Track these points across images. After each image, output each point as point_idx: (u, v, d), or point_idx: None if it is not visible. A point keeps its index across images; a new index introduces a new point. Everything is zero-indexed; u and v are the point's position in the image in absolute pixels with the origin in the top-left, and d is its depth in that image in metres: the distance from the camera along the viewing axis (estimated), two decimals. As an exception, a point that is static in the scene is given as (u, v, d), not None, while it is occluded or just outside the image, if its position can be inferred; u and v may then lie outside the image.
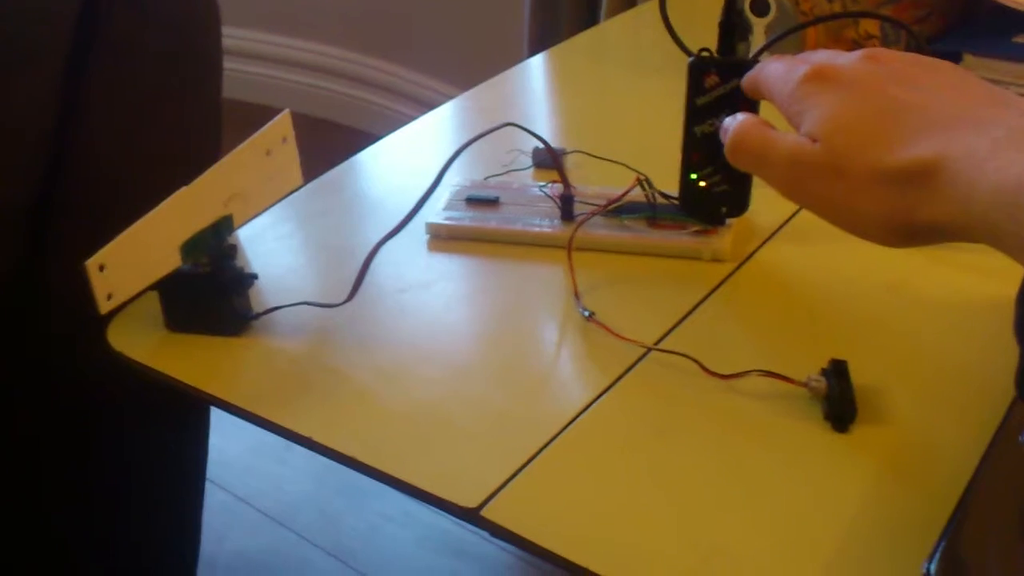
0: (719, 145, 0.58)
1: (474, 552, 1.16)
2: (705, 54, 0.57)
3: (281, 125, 0.54)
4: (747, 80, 0.51)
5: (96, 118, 0.66)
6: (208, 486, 0.86)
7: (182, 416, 0.79)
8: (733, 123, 0.47)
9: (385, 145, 0.75)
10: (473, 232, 0.61)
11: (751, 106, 0.57)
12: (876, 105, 0.40)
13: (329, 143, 2.06)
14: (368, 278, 0.53)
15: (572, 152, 0.69)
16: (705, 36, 0.60)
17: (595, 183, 0.64)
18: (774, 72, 0.46)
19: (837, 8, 0.81)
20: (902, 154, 0.38)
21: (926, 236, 0.39)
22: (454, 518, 0.43)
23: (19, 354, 0.65)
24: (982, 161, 0.36)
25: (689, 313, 0.55)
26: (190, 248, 0.51)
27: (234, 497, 1.24)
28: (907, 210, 0.38)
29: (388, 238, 0.54)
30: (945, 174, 0.37)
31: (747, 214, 0.60)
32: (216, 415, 0.51)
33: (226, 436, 0.87)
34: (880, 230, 0.40)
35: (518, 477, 0.44)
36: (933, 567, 0.38)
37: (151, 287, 0.51)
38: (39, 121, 0.64)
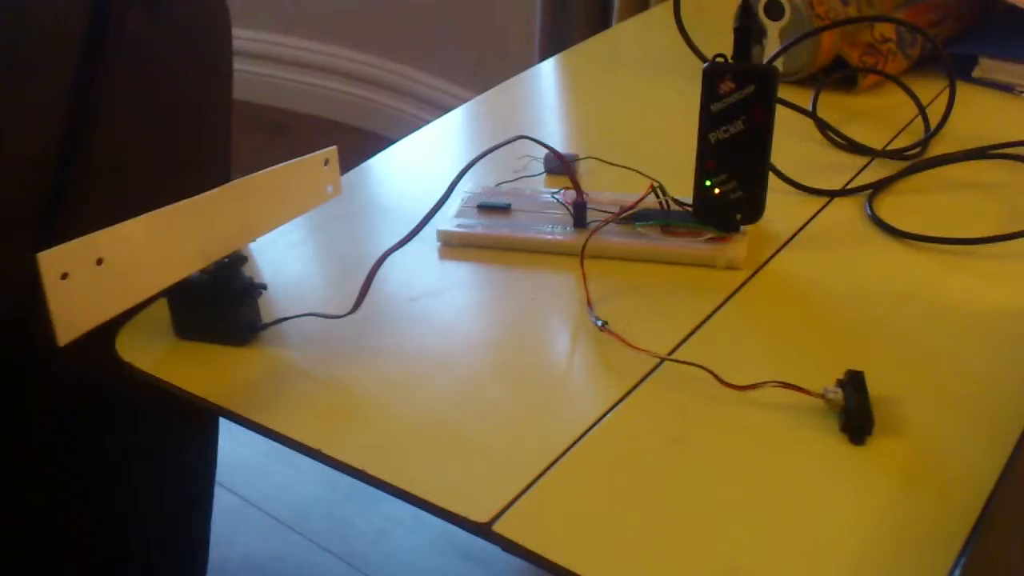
0: (734, 152, 0.58)
1: (484, 556, 1.16)
2: (720, 60, 0.56)
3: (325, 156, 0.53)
4: None
5: (106, 120, 0.66)
6: (218, 489, 0.85)
7: (191, 420, 0.78)
8: None
9: (397, 150, 0.74)
10: (485, 240, 0.61)
11: (767, 113, 0.57)
12: None
13: (341, 145, 2.06)
14: (379, 286, 0.53)
15: (585, 158, 0.68)
16: (718, 40, 0.59)
17: (608, 190, 0.63)
18: None
19: (852, 12, 0.81)
20: None
21: None
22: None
23: (26, 358, 0.65)
24: None
25: (703, 322, 0.54)
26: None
27: (244, 501, 1.24)
28: None
29: (395, 249, 0.53)
30: None
31: (761, 221, 0.60)
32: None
33: (236, 439, 0.87)
34: None
35: (530, 490, 0.43)
36: (954, 585, 0.37)
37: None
38: (50, 123, 0.64)
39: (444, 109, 0.81)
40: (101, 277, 0.43)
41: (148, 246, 0.46)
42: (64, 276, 0.41)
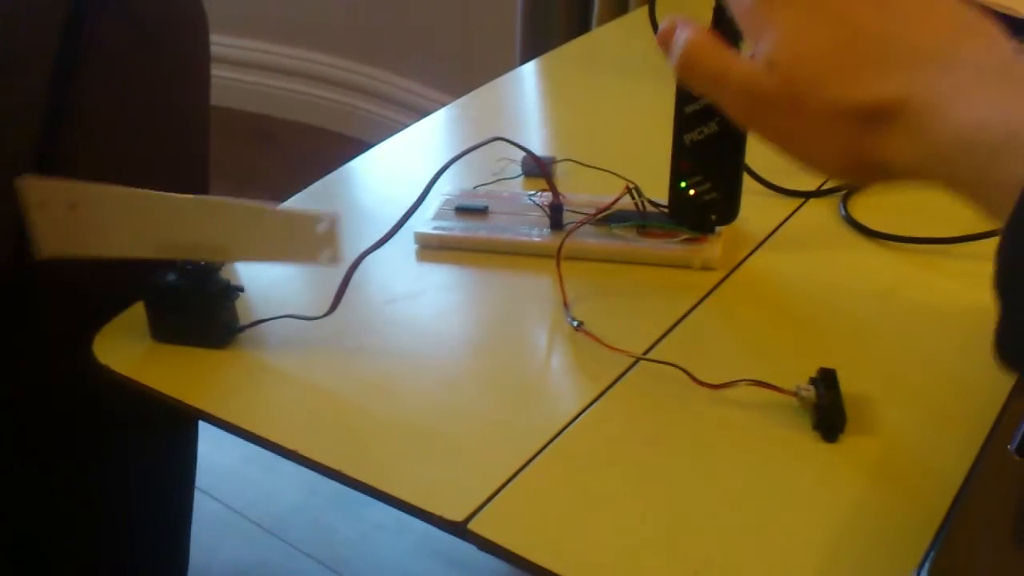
0: (709, 153, 0.58)
1: (468, 561, 1.16)
2: (693, 62, 0.57)
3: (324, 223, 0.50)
4: None
5: (82, 124, 0.66)
6: (199, 496, 0.85)
7: (170, 424, 0.78)
8: (684, 36, 0.42)
9: (376, 154, 0.74)
10: (462, 242, 0.61)
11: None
12: (837, 33, 0.38)
13: (320, 150, 2.06)
14: (357, 289, 0.53)
15: (562, 160, 0.69)
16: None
17: (585, 191, 0.63)
18: None
19: (827, 15, 0.81)
20: (864, 92, 0.36)
21: (882, 174, 0.38)
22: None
23: (4, 361, 0.65)
24: (945, 103, 0.35)
25: (678, 322, 0.54)
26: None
27: (226, 507, 1.24)
28: (865, 149, 0.37)
29: (372, 250, 0.53)
30: (907, 115, 0.35)
31: (736, 222, 0.60)
32: (206, 423, 0.51)
33: (217, 445, 0.87)
34: (836, 166, 0.39)
35: (506, 489, 0.44)
36: (923, 578, 0.37)
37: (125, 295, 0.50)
38: (25, 127, 0.64)
39: (428, 115, 0.81)
40: (74, 219, 0.49)
41: (117, 214, 0.50)
42: (42, 205, 0.46)
